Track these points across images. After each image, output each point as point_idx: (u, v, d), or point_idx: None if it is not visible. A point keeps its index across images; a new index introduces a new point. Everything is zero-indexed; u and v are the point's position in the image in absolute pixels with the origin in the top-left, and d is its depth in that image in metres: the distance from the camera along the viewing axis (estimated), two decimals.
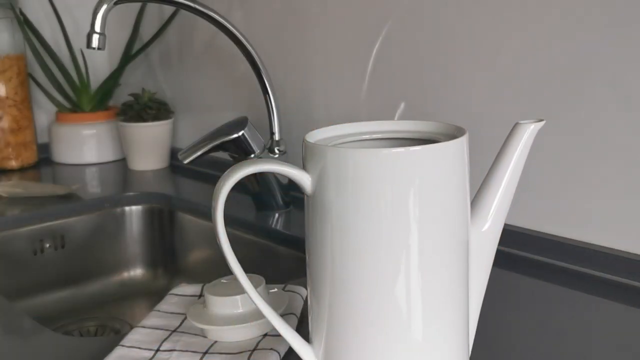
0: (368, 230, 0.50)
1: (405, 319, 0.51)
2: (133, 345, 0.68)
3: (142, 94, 1.47)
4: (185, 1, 1.05)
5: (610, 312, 0.73)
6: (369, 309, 0.51)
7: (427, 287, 0.51)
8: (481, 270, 0.57)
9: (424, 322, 0.51)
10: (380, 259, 0.50)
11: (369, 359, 0.52)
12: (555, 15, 0.83)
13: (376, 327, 0.51)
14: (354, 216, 0.50)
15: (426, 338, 0.51)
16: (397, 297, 0.50)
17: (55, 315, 1.19)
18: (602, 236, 0.82)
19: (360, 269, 0.50)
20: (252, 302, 0.59)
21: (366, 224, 0.50)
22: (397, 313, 0.51)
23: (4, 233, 1.17)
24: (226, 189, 0.53)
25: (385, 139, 0.58)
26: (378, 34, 1.04)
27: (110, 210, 1.29)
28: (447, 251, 0.51)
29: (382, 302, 0.51)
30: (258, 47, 1.11)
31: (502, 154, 0.56)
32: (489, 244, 0.56)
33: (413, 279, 0.50)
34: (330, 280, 0.52)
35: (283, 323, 0.57)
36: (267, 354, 0.65)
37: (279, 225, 1.09)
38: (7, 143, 1.50)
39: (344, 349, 0.53)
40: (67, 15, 1.58)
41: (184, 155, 1.08)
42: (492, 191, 0.56)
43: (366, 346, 0.52)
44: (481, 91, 0.91)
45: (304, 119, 1.19)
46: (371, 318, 0.51)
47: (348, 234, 0.50)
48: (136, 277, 1.31)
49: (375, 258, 0.50)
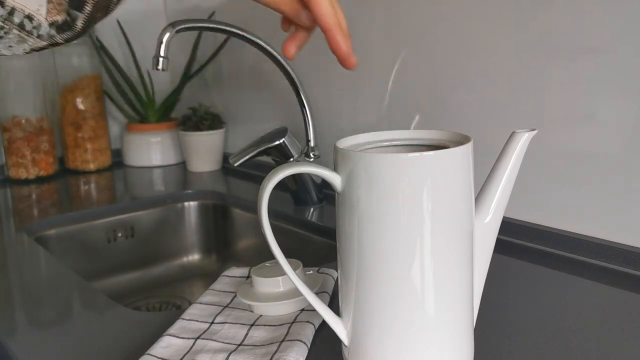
0: (388, 222, 0.50)
1: (419, 296, 0.51)
2: (192, 318, 0.69)
3: (199, 108, 1.48)
4: (236, 30, 1.05)
5: (591, 290, 0.73)
6: (389, 288, 0.51)
7: (438, 269, 0.51)
8: (484, 255, 0.57)
9: (435, 299, 0.51)
10: (399, 246, 0.50)
11: (389, 330, 0.52)
12: (557, 37, 0.82)
13: (395, 303, 0.51)
14: (377, 210, 0.50)
15: (437, 312, 0.51)
16: (412, 278, 0.50)
17: (126, 294, 1.20)
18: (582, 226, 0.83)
19: (382, 255, 0.51)
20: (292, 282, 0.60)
21: (387, 217, 0.50)
22: (413, 291, 0.51)
23: (83, 225, 1.18)
24: (270, 187, 0.53)
25: (402, 145, 0.58)
26: (396, 57, 1.04)
27: (172, 205, 1.29)
28: (455, 239, 0.51)
29: (400, 282, 0.51)
30: (296, 68, 1.11)
31: (501, 158, 0.56)
32: (491, 234, 0.57)
33: (426, 262, 0.50)
34: (357, 264, 0.52)
35: (317, 300, 0.57)
36: (304, 326, 0.65)
37: (313, 217, 1.09)
38: (86, 149, 1.52)
39: (368, 322, 0.53)
40: (136, 41, 1.59)
41: (234, 159, 1.08)
42: (493, 189, 0.56)
43: (387, 319, 0.52)
44: (485, 105, 0.91)
45: (334, 128, 1.19)
46: (391, 296, 0.51)
47: (372, 225, 0.51)
48: (194, 261, 1.31)
49: (394, 245, 0.50)
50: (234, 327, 0.67)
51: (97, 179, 1.47)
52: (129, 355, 0.63)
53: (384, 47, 1.06)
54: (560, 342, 0.62)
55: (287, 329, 0.65)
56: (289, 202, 1.16)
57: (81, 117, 1.50)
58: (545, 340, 0.63)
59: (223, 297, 0.75)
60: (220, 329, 0.66)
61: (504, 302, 0.71)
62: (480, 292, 0.58)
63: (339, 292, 0.57)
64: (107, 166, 1.57)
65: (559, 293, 0.73)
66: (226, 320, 0.68)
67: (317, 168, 0.53)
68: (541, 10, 0.83)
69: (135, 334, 0.68)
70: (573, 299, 0.72)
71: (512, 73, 0.87)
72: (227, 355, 0.60)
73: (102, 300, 0.78)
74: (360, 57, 1.11)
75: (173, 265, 1.29)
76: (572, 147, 0.82)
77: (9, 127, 1.43)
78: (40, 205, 1.26)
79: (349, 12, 1.12)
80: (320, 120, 1.20)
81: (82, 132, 1.51)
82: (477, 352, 0.59)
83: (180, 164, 1.58)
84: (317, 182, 1.13)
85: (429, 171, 0.49)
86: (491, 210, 0.56)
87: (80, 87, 1.49)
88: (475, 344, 0.58)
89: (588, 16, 0.78)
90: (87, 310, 0.77)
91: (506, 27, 0.87)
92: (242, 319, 0.69)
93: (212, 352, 0.61)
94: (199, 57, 1.57)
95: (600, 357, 0.59)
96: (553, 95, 0.83)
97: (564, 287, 0.75)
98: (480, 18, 0.90)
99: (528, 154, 0.82)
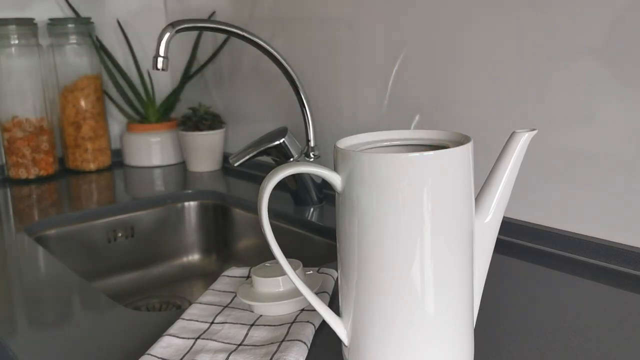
0: (389, 221, 0.50)
1: (419, 296, 0.51)
2: (192, 318, 0.69)
3: (198, 108, 1.48)
4: (236, 30, 1.05)
5: (591, 290, 0.73)
6: (389, 287, 0.51)
7: (438, 269, 0.51)
8: (484, 256, 0.57)
9: (435, 298, 0.51)
10: (399, 246, 0.50)
11: (389, 330, 0.52)
12: (557, 37, 0.82)
13: (395, 304, 0.51)
14: (377, 210, 0.50)
15: (437, 312, 0.52)
16: (412, 277, 0.50)
17: (126, 294, 1.20)
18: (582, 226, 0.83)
19: (382, 255, 0.51)
20: (292, 282, 0.60)
21: (387, 217, 0.50)
22: (413, 291, 0.51)
23: (83, 225, 1.18)
24: (270, 187, 0.53)
25: (402, 145, 0.58)
26: (396, 57, 1.04)
27: (172, 205, 1.29)
28: (455, 239, 0.51)
29: (400, 282, 0.51)
30: (296, 68, 1.11)
31: (501, 158, 0.56)
32: (491, 234, 0.56)
33: (426, 262, 0.50)
34: (357, 264, 0.52)
35: (317, 300, 0.57)
36: (304, 326, 0.65)
37: (313, 217, 1.09)
38: (86, 149, 1.52)
39: (369, 322, 0.53)
40: (136, 41, 1.59)
41: (234, 159, 1.08)
42: (493, 189, 0.56)
43: (387, 319, 0.52)
44: (484, 105, 0.91)
45: (334, 128, 1.19)
46: (391, 296, 0.51)
47: (372, 225, 0.51)
48: (194, 261, 1.31)
49: (394, 245, 0.50)
50: (234, 327, 0.67)
51: (97, 179, 1.47)
52: (129, 355, 0.63)
53: (384, 47, 1.06)
54: (560, 342, 0.62)
55: (287, 329, 0.65)
56: (289, 202, 1.16)
57: (81, 117, 1.50)
58: (545, 340, 0.63)
59: (223, 297, 0.75)
60: (220, 329, 0.66)
61: (504, 302, 0.71)
62: (480, 293, 0.58)
63: (339, 292, 0.57)
64: (107, 166, 1.56)
65: (559, 293, 0.73)
66: (226, 320, 0.68)
67: (317, 168, 0.53)
68: (541, 10, 0.83)
69: (135, 334, 0.68)
70: (573, 299, 0.72)
71: (512, 73, 0.87)
72: (227, 355, 0.60)
73: (102, 300, 0.78)
74: (360, 57, 1.11)
75: (173, 265, 1.29)
76: (572, 147, 0.82)
77: (9, 127, 1.43)
78: (40, 205, 1.26)
79: (349, 12, 1.12)
80: (320, 120, 1.20)
81: (82, 132, 1.50)
82: (477, 352, 0.59)
83: (180, 164, 1.57)
84: (317, 182, 1.13)
85: (428, 171, 0.49)
86: (491, 210, 0.56)
87: (80, 87, 1.49)
88: (475, 344, 0.58)
89: (588, 16, 0.78)
90: (87, 310, 0.77)
91: (506, 27, 0.87)
92: (242, 319, 0.69)
93: (212, 352, 0.61)
94: (199, 57, 1.57)
95: (600, 357, 0.59)
96: (553, 95, 0.83)
97: (564, 287, 0.75)
98: (480, 18, 0.90)
99: (528, 153, 0.82)
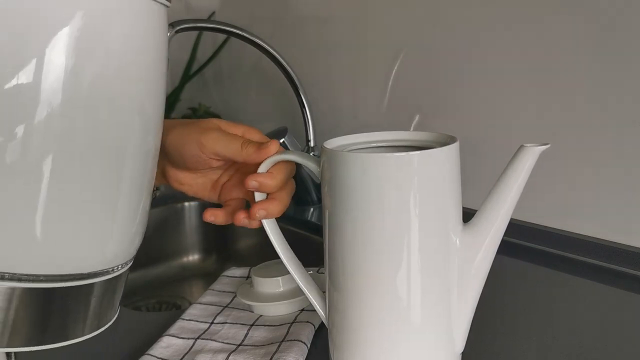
0: (375, 219, 0.49)
1: (405, 302, 0.50)
2: (191, 318, 0.69)
3: (198, 108, 1.48)
4: (236, 30, 1.05)
5: (591, 290, 0.73)
6: (374, 293, 0.50)
7: (425, 271, 0.50)
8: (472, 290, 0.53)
9: (422, 305, 0.50)
10: (385, 243, 0.49)
11: (376, 338, 0.51)
12: (557, 36, 0.82)
13: (381, 310, 0.50)
14: (362, 208, 0.49)
15: (424, 320, 0.51)
16: (397, 283, 0.50)
17: (126, 294, 1.19)
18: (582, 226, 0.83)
19: (367, 256, 0.50)
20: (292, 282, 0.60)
21: (372, 214, 0.49)
22: (398, 298, 0.50)
23: None
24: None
25: (390, 146, 0.57)
26: (396, 58, 1.04)
27: (172, 206, 1.29)
28: (440, 240, 0.50)
29: (386, 287, 0.50)
30: (296, 68, 1.11)
31: (507, 174, 0.52)
32: (487, 260, 0.53)
33: (413, 263, 0.49)
34: (342, 268, 0.52)
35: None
36: (303, 326, 0.65)
37: (313, 217, 1.09)
38: None
39: (355, 331, 0.52)
40: None
41: None
42: (494, 213, 0.52)
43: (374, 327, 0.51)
44: (484, 105, 0.91)
45: (334, 128, 1.19)
46: (377, 301, 0.50)
47: (354, 226, 0.50)
48: (194, 261, 1.31)
49: (380, 246, 0.49)
50: (234, 327, 0.67)
51: None
52: (129, 355, 0.63)
53: (384, 47, 1.06)
54: (560, 342, 0.62)
55: (287, 329, 0.65)
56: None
57: None
58: (545, 340, 0.62)
59: (223, 297, 0.75)
60: (220, 329, 0.67)
61: (504, 302, 0.71)
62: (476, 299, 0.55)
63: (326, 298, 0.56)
64: None
65: (558, 293, 0.73)
66: (226, 321, 0.69)
67: (303, 158, 0.55)
68: (541, 10, 0.83)
69: (135, 334, 0.68)
70: (573, 298, 0.72)
71: (512, 73, 0.87)
72: (227, 356, 0.60)
73: None
74: (360, 57, 1.11)
75: (173, 265, 1.29)
76: (572, 147, 0.82)
77: None
78: None
79: (350, 12, 1.12)
80: (320, 120, 1.20)
81: None
82: (477, 352, 0.59)
83: None
84: (317, 182, 1.13)
85: (414, 171, 0.48)
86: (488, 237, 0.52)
87: None
88: (475, 344, 0.58)
89: (588, 16, 0.78)
90: None
91: (506, 27, 0.87)
92: (242, 319, 0.69)
93: (212, 352, 0.61)
94: (199, 57, 1.57)
95: (600, 357, 0.59)
96: (553, 95, 0.83)
97: (563, 287, 0.75)
98: (480, 18, 0.90)
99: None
